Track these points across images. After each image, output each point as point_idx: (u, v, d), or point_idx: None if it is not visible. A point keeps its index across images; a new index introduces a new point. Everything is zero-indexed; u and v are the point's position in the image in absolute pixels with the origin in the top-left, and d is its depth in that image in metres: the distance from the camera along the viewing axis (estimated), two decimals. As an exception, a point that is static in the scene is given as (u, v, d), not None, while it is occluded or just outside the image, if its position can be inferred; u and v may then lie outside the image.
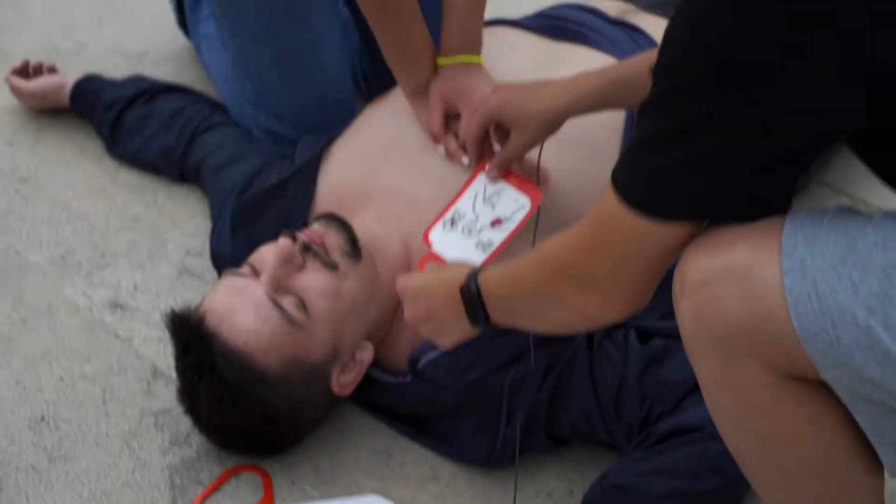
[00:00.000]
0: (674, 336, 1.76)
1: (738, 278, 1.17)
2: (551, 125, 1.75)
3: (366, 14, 1.89)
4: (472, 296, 1.48)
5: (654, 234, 1.21)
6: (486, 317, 1.49)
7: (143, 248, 2.22)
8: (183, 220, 2.28)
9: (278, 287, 1.72)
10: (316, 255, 1.74)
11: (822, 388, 1.20)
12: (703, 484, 1.60)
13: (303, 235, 1.76)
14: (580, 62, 2.01)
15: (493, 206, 1.82)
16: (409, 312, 1.64)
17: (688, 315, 1.23)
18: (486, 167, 1.85)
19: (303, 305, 1.71)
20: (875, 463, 1.25)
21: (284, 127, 2.26)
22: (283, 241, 1.72)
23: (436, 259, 1.78)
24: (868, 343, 1.11)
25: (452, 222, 1.83)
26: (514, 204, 1.82)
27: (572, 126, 1.82)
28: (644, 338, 1.76)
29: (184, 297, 2.12)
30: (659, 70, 1.16)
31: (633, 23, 2.16)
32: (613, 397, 1.70)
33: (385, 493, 1.78)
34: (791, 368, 1.19)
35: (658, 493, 1.59)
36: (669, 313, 1.76)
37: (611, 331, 1.76)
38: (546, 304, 1.39)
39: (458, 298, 1.51)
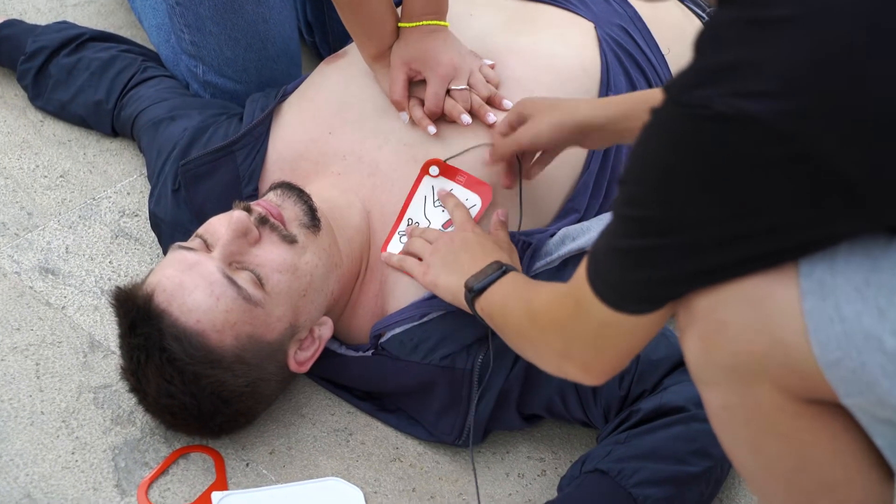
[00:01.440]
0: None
1: (751, 302, 1.11)
2: (562, 129, 1.66)
3: None
4: (468, 299, 1.55)
5: (631, 321, 1.20)
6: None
7: (74, 208, 2.08)
8: (116, 178, 2.14)
9: (232, 262, 1.61)
10: (273, 228, 1.63)
11: (839, 407, 1.14)
12: (688, 467, 1.55)
13: (258, 207, 1.64)
14: (550, 22, 1.92)
15: (443, 208, 1.76)
16: (447, 235, 1.67)
17: (696, 342, 1.17)
18: (430, 168, 1.77)
19: (259, 282, 1.60)
20: (887, 470, 1.20)
21: (225, 80, 2.13)
22: (238, 214, 1.61)
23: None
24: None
25: (408, 233, 1.75)
26: (465, 203, 1.76)
27: (548, 92, 1.76)
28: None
29: (120, 260, 2.00)
30: (621, 193, 1.14)
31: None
32: (591, 375, 1.63)
33: (346, 475, 1.71)
34: (807, 392, 1.13)
35: (643, 478, 1.53)
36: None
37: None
38: (529, 350, 1.43)
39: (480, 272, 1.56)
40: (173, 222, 1.90)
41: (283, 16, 2.13)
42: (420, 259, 1.69)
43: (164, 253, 1.94)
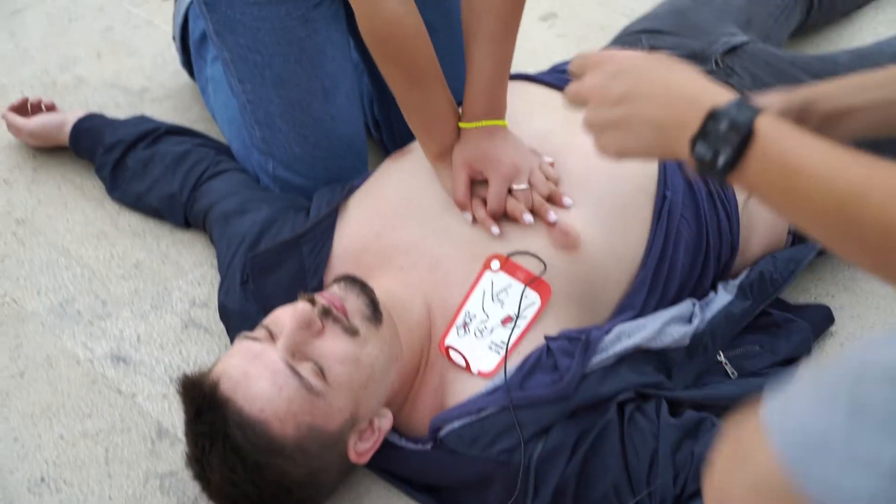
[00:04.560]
0: (706, 407, 1.71)
1: None
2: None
3: (387, 78, 1.84)
4: (731, 128, 1.10)
5: None
6: (732, 167, 1.11)
7: (146, 298, 2.14)
8: (188, 268, 2.20)
9: (296, 353, 1.65)
10: (336, 320, 1.67)
11: None
12: (741, 568, 1.54)
13: (322, 299, 1.69)
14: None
15: (501, 303, 1.78)
16: (600, 87, 1.29)
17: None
18: (492, 263, 1.81)
19: (321, 373, 1.64)
20: None
21: (294, 175, 2.19)
22: (302, 305, 1.65)
23: (458, 354, 1.76)
24: None
25: (465, 326, 1.78)
26: (523, 300, 1.78)
27: (606, 189, 1.79)
28: (675, 408, 1.70)
29: (189, 350, 2.05)
30: None
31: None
32: (646, 472, 1.64)
33: (404, 567, 1.72)
34: None
35: (695, 578, 1.53)
36: (694, 383, 1.71)
37: (642, 402, 1.70)
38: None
39: (685, 109, 1.17)
40: (241, 314, 1.94)
41: (350, 114, 2.18)
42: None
43: (232, 343, 1.99)
